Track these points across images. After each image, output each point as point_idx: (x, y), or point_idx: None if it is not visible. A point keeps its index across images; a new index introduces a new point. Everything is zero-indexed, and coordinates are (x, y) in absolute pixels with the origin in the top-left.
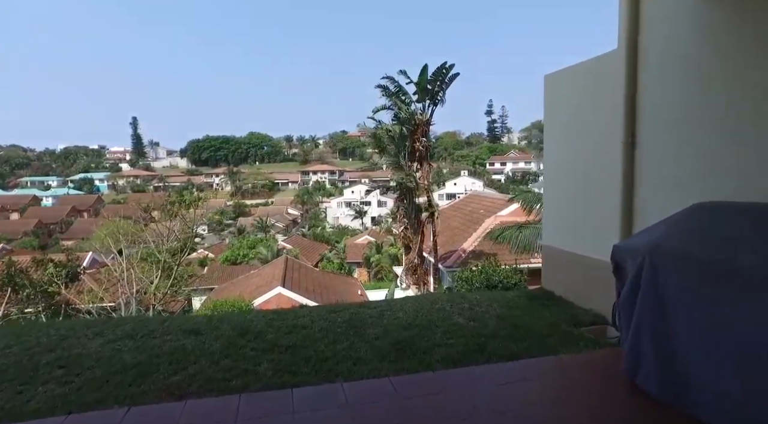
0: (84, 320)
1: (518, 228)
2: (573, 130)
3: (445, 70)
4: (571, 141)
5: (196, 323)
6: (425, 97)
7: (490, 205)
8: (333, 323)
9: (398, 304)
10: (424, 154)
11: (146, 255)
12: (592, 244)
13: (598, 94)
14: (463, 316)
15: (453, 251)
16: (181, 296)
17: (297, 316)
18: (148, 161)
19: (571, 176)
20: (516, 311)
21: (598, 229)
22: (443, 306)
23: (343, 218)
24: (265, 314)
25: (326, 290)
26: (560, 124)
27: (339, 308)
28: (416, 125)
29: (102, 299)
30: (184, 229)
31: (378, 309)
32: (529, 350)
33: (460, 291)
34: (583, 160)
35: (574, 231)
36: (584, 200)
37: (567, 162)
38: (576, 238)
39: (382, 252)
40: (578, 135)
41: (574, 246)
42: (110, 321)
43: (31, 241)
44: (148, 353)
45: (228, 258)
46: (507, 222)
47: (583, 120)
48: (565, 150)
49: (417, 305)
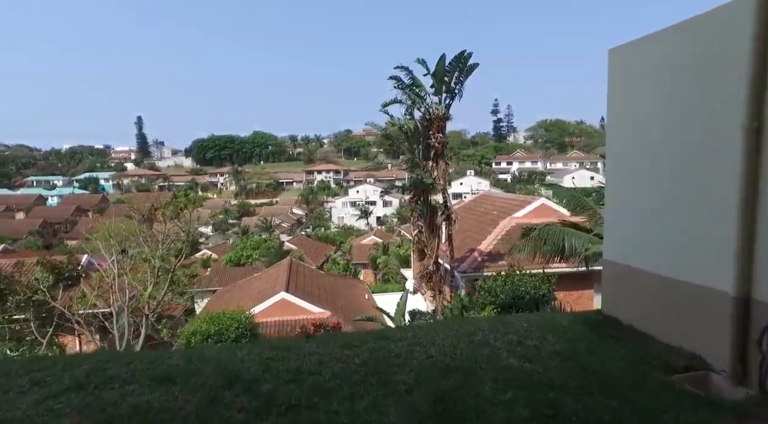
0: (28, 358)
1: (544, 230)
2: (658, 115)
3: (464, 60)
4: (653, 129)
5: (170, 365)
6: (442, 89)
7: (504, 206)
8: (348, 364)
9: (428, 334)
10: (440, 152)
11: (140, 260)
12: (686, 263)
13: (703, 65)
14: (515, 354)
15: (467, 254)
16: (181, 301)
17: (302, 354)
18: (153, 161)
19: (653, 174)
20: (579, 346)
21: (699, 244)
22: (485, 338)
23: (348, 218)
24: (262, 351)
25: (332, 295)
26: (636, 109)
27: (355, 341)
28: (432, 120)
29: (95, 304)
30: (179, 234)
31: (404, 343)
32: (619, 414)
33: (483, 302)
34: (674, 153)
35: (658, 245)
36: (675, 205)
37: (647, 156)
38: (661, 254)
39: (389, 253)
40: (667, 121)
41: (656, 265)
42: (60, 361)
43: (35, 241)
44: (95, 419)
45: (231, 259)
46: (523, 224)
47: (676, 102)
48: (644, 141)
49: (451, 335)
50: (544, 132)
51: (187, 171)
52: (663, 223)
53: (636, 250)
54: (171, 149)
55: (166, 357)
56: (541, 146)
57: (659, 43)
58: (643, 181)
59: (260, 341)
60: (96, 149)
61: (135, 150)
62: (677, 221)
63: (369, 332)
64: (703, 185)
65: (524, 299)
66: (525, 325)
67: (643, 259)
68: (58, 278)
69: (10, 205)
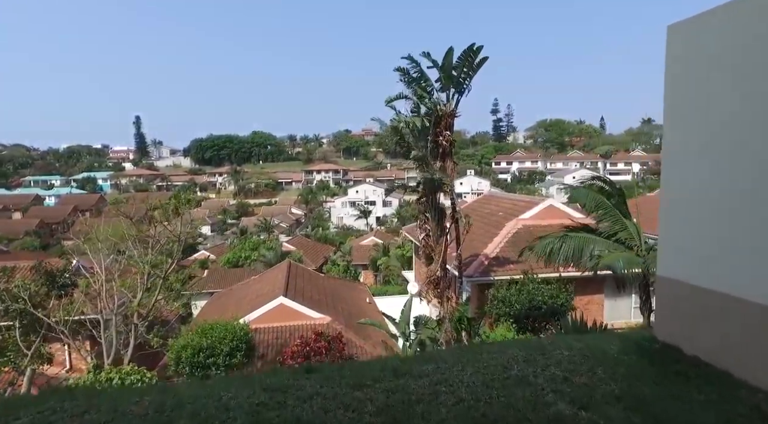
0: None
1: (561, 237)
2: (732, 102)
3: (473, 54)
4: (732, 119)
5: (136, 415)
6: (450, 84)
7: (510, 207)
8: (360, 412)
9: (454, 368)
10: (448, 150)
11: (130, 265)
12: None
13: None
14: (563, 396)
15: (473, 257)
16: (176, 305)
17: (302, 397)
18: (152, 160)
19: (731, 172)
20: (642, 388)
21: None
22: (523, 373)
23: (347, 218)
24: (252, 394)
25: (332, 299)
26: (702, 96)
27: (367, 377)
28: (440, 117)
29: (83, 312)
30: (170, 238)
31: (426, 380)
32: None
33: (497, 312)
34: (755, 144)
35: (739, 262)
36: (758, 212)
37: (722, 152)
38: (744, 272)
39: (389, 254)
40: (745, 109)
41: (738, 286)
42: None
43: (32, 241)
44: None
45: (229, 260)
46: (531, 226)
47: (755, 85)
48: (720, 134)
49: (482, 368)
50: (543, 132)
51: (185, 171)
52: (743, 233)
53: (707, 267)
54: (169, 149)
55: (133, 403)
56: (540, 146)
57: (739, 12)
58: (716, 181)
59: (251, 379)
60: (94, 149)
61: (133, 150)
62: (763, 230)
63: (383, 360)
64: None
65: (541, 310)
66: (566, 353)
67: (718, 278)
68: (52, 286)
69: (7, 205)
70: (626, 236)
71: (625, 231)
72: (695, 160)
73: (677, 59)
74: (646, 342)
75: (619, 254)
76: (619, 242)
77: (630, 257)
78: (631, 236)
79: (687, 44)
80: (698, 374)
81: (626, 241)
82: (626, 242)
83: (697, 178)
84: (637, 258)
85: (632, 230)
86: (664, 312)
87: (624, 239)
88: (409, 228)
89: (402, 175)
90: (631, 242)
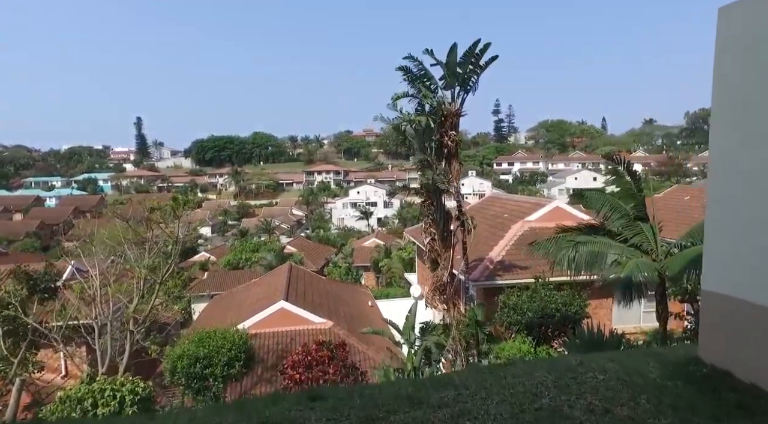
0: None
1: (574, 244)
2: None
3: (479, 52)
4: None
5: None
6: (455, 82)
7: (515, 209)
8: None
9: (476, 395)
10: (454, 151)
11: (125, 269)
12: None
13: None
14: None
15: (478, 261)
16: (176, 308)
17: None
18: (152, 161)
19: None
20: (699, 422)
21: None
22: (555, 401)
23: (348, 219)
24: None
25: (334, 303)
26: (760, 87)
27: (380, 409)
28: (444, 116)
29: (76, 317)
30: (167, 241)
31: (447, 412)
32: None
33: (508, 320)
34: None
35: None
36: None
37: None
38: None
39: (391, 256)
40: None
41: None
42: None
43: (33, 242)
44: None
45: (230, 262)
46: (537, 228)
47: None
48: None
49: (508, 396)
50: (545, 132)
51: (186, 172)
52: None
53: (754, 278)
54: (170, 150)
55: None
56: (542, 147)
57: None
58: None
59: (248, 408)
60: (95, 150)
61: (134, 151)
62: None
63: (395, 385)
64: None
65: (554, 318)
66: (600, 377)
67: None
68: (33, 291)
69: (7, 206)
70: (642, 240)
71: (640, 235)
72: (749, 161)
73: (726, 48)
74: (691, 365)
75: (637, 259)
76: (634, 246)
77: (647, 263)
78: (647, 239)
79: (742, 28)
80: (759, 406)
81: (641, 245)
82: (642, 246)
83: (750, 182)
84: (654, 264)
85: (648, 233)
86: (713, 332)
87: (639, 243)
88: (412, 230)
89: (403, 176)
90: (647, 246)
